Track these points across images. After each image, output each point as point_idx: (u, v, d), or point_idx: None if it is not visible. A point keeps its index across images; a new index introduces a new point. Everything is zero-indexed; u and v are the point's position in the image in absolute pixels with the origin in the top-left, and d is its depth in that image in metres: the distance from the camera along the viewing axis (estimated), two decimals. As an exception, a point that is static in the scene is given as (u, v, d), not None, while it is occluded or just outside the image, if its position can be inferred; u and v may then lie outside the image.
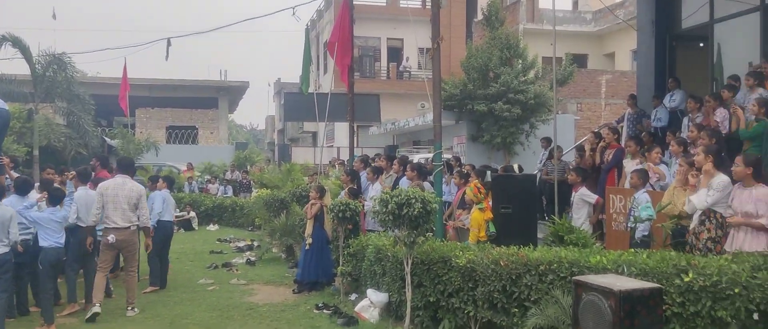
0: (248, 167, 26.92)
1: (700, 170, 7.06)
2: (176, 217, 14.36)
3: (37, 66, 24.47)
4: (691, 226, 7.00)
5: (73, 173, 10.05)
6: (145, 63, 68.45)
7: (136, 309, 8.66)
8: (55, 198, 8.42)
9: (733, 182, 6.79)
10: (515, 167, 11.04)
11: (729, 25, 12.70)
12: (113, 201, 8.48)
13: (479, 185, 8.54)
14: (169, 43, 14.76)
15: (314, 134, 43.42)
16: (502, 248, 6.95)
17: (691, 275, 5.54)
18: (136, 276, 9.19)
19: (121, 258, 9.35)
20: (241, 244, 15.33)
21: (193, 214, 19.43)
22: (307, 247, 9.95)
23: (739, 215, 6.47)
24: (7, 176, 9.46)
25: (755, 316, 5.45)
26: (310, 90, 18.16)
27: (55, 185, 9.35)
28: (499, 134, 21.48)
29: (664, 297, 5.37)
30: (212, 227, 19.39)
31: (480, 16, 26.78)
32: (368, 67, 37.08)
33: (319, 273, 9.95)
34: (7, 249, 7.52)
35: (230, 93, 45.60)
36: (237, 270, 11.95)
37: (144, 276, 10.43)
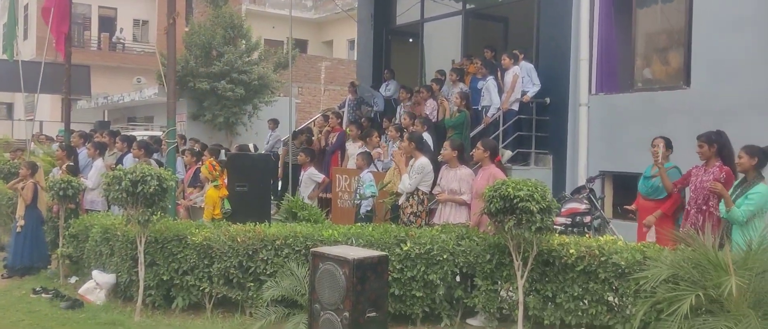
0: (-69, 141, 23.43)
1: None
2: None
3: None
4: (400, 202, 7.90)
5: None
6: None
7: None
8: None
9: (441, 164, 7.82)
10: (251, 146, 11.28)
11: (436, 25, 14.27)
12: None
13: (214, 163, 8.65)
14: None
15: (9, 106, 39.02)
16: (238, 225, 7.18)
17: (408, 244, 6.34)
18: None
19: None
20: (-73, 228, 13.44)
21: None
22: (18, 230, 9.16)
23: (446, 192, 7.47)
24: None
25: (457, 278, 6.43)
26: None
27: None
28: (221, 114, 21.32)
29: (388, 264, 6.06)
30: None
31: (202, -7, 26.21)
32: (77, 37, 34.24)
33: (33, 257, 9.21)
34: None
35: None
36: (-73, 257, 10.53)
37: None
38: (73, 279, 8.71)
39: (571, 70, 10.50)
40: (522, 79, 10.55)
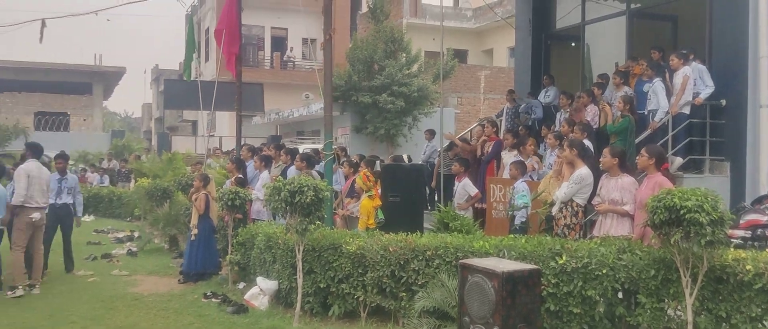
0: (127, 156, 25.92)
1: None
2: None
3: None
4: (553, 212, 7.56)
5: None
6: (12, 44, 64.03)
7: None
8: None
9: (601, 173, 7.40)
10: (405, 157, 11.39)
11: (598, 27, 13.64)
12: (37, 183, 9.10)
13: (369, 173, 8.80)
14: (43, 25, 13.94)
15: (194, 123, 42.37)
16: (390, 234, 7.23)
17: (564, 258, 6.02)
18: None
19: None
20: (121, 235, 14.84)
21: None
22: (192, 238, 9.83)
23: (607, 203, 7.05)
24: None
25: (619, 295, 6.01)
26: (193, 77, 17.75)
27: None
28: (382, 126, 21.85)
29: (541, 278, 5.81)
30: (88, 218, 18.56)
31: (365, 9, 27.06)
32: (252, 56, 36.62)
33: (206, 264, 9.85)
34: None
35: (105, 79, 43.52)
36: (118, 261, 11.60)
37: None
38: (241, 285, 9.19)
39: (750, 69, 9.58)
40: (693, 80, 9.78)
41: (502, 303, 5.08)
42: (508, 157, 10.04)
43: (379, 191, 8.70)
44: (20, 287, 8.84)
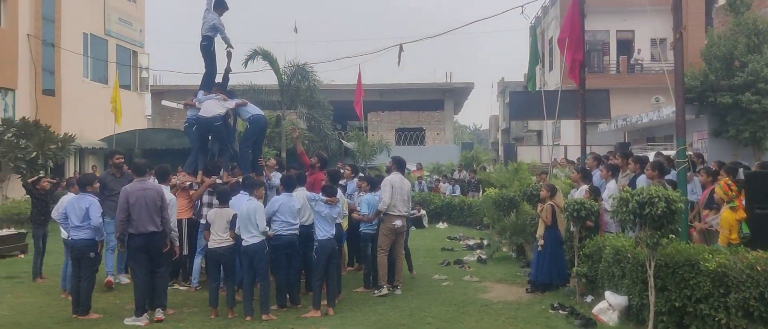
0: (475, 167, 27.24)
1: None
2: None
3: (283, 76, 26.88)
4: None
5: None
6: (376, 69, 72.13)
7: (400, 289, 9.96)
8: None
9: None
10: (775, 163, 10.07)
11: None
12: (399, 193, 9.96)
13: (730, 182, 7.96)
14: (401, 50, 15.34)
15: (539, 133, 42.81)
16: (758, 252, 6.45)
17: None
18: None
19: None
20: (471, 242, 15.59)
21: (423, 212, 20.07)
22: (539, 249, 9.90)
23: None
24: (267, 176, 10.74)
25: None
26: (537, 88, 17.94)
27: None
28: (746, 129, 19.74)
29: None
30: (441, 225, 19.90)
31: (722, 2, 24.74)
32: (596, 62, 35.76)
33: (552, 275, 9.85)
34: (257, 240, 8.41)
35: (455, 95, 46.48)
36: (469, 268, 12.20)
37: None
38: (588, 298, 9.00)
39: None
40: None
41: None
42: None
43: (743, 202, 7.80)
44: (385, 287, 9.82)
